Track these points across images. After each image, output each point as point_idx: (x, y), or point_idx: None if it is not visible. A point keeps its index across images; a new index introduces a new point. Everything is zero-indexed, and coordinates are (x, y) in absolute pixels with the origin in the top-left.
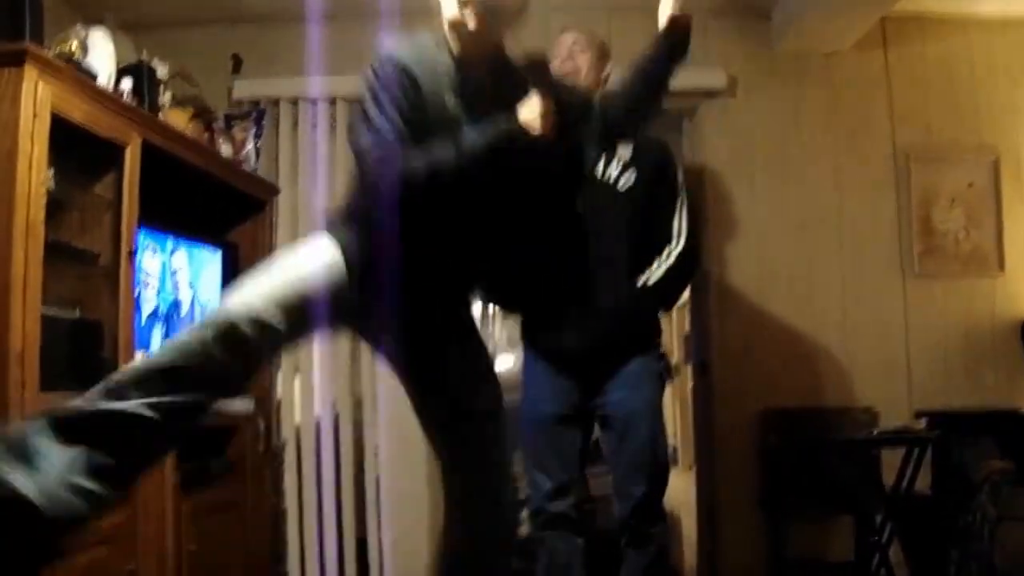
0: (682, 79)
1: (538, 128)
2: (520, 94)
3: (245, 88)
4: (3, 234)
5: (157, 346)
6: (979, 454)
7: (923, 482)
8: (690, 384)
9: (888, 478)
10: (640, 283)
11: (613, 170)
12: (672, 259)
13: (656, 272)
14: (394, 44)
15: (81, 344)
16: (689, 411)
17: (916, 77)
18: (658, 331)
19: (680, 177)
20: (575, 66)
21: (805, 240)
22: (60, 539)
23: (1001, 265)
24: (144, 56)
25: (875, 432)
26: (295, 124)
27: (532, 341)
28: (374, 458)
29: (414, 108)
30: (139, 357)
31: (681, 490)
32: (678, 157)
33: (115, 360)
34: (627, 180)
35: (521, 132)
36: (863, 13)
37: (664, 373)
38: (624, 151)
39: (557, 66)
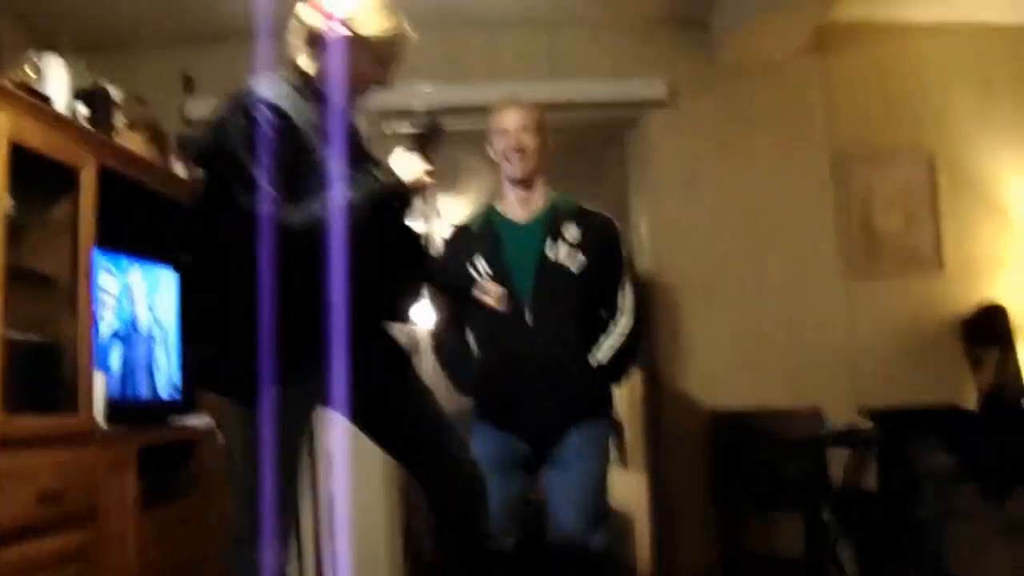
0: (623, 90)
1: (422, 184)
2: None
3: (198, 108)
4: None
5: (116, 365)
6: (924, 450)
7: (870, 478)
8: (639, 389)
9: (836, 473)
10: (594, 363)
11: (562, 252)
12: (621, 336)
13: (605, 350)
14: (261, 86)
15: (42, 366)
16: (639, 414)
17: (853, 82)
18: (609, 400)
19: (625, 253)
20: (522, 148)
21: (749, 243)
22: None
23: (940, 264)
24: (98, 79)
25: (822, 432)
26: None
27: (482, 414)
28: (327, 467)
29: (290, 154)
30: (98, 378)
31: (634, 490)
32: (621, 167)
33: (76, 381)
34: (580, 263)
35: (402, 187)
36: (799, 22)
37: (613, 438)
38: (571, 232)
39: (502, 145)
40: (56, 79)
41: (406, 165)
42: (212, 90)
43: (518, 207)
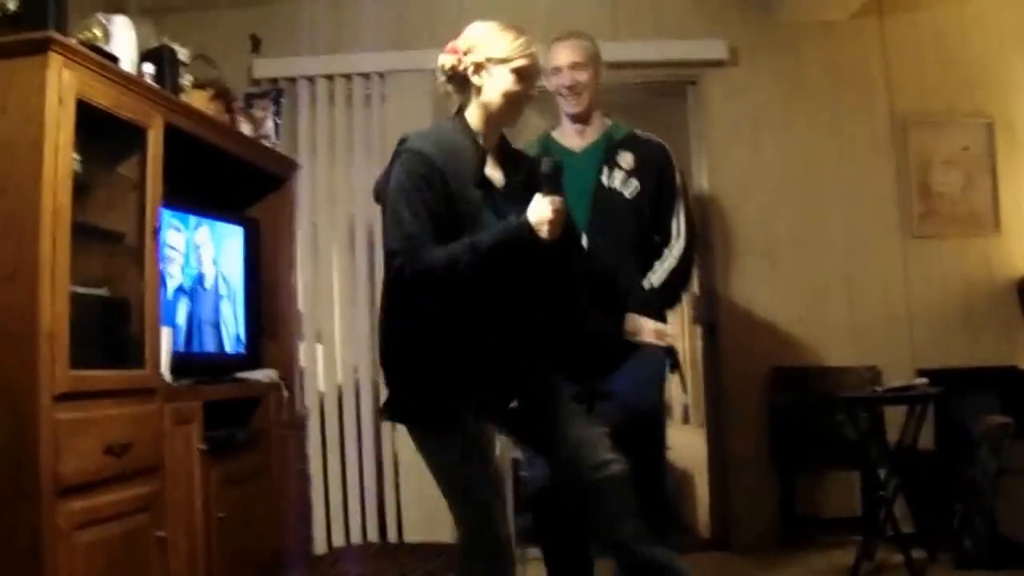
0: (683, 50)
1: (546, 230)
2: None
3: (264, 67)
4: (31, 217)
5: (182, 321)
6: (979, 410)
7: (926, 438)
8: (699, 344)
9: (892, 434)
10: (647, 286)
11: (617, 179)
12: (674, 259)
13: (659, 273)
14: (421, 141)
15: (109, 321)
16: (700, 370)
17: (912, 44)
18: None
19: (678, 179)
20: (575, 84)
21: (808, 203)
22: None
23: (997, 226)
24: (165, 40)
25: (879, 390)
26: (313, 101)
27: None
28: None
29: (442, 203)
30: (164, 333)
31: (693, 447)
32: (683, 126)
33: (142, 335)
34: (633, 188)
35: (530, 231)
36: None
37: (670, 366)
38: (626, 159)
39: (555, 83)
40: (123, 39)
41: (537, 208)
42: (278, 50)
43: (575, 136)
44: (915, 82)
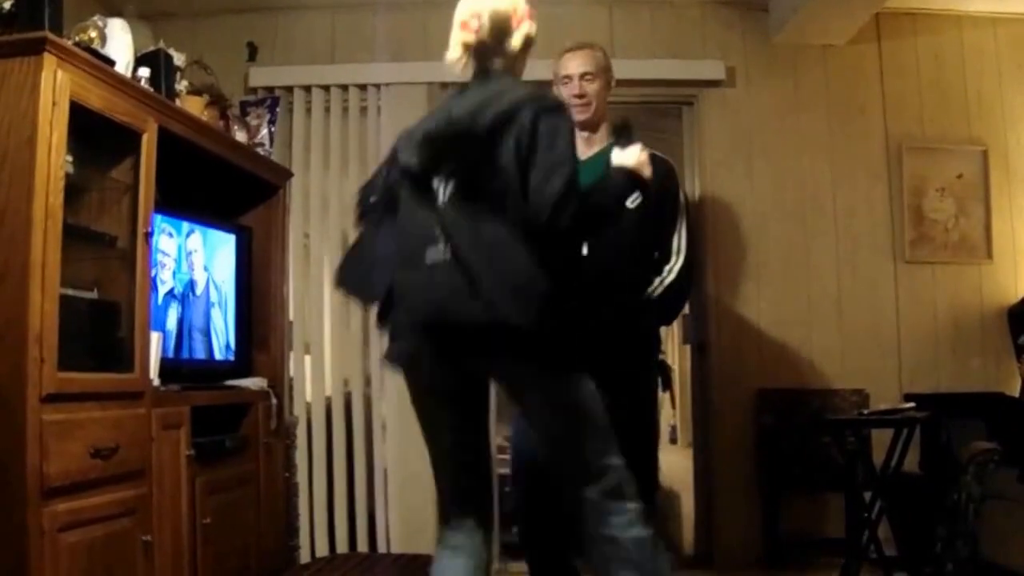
0: (681, 70)
1: (648, 171)
2: None
3: (260, 76)
4: (23, 218)
5: (172, 326)
6: (966, 435)
7: (911, 461)
8: (688, 364)
9: (878, 457)
10: (644, 297)
11: None
12: (672, 275)
13: (659, 289)
14: (554, 96)
15: (99, 324)
16: (688, 390)
17: (909, 71)
18: (658, 343)
19: (682, 197)
20: (584, 94)
21: (800, 225)
22: None
23: (989, 253)
24: (161, 45)
25: (866, 413)
26: (308, 111)
27: None
28: (382, 433)
29: None
30: (154, 337)
31: (680, 467)
32: (679, 145)
33: (132, 339)
34: (635, 199)
35: (636, 176)
36: (857, 8)
37: (661, 382)
38: None
39: (565, 93)
40: (120, 42)
41: (628, 156)
42: (275, 59)
43: (581, 144)
44: (911, 108)
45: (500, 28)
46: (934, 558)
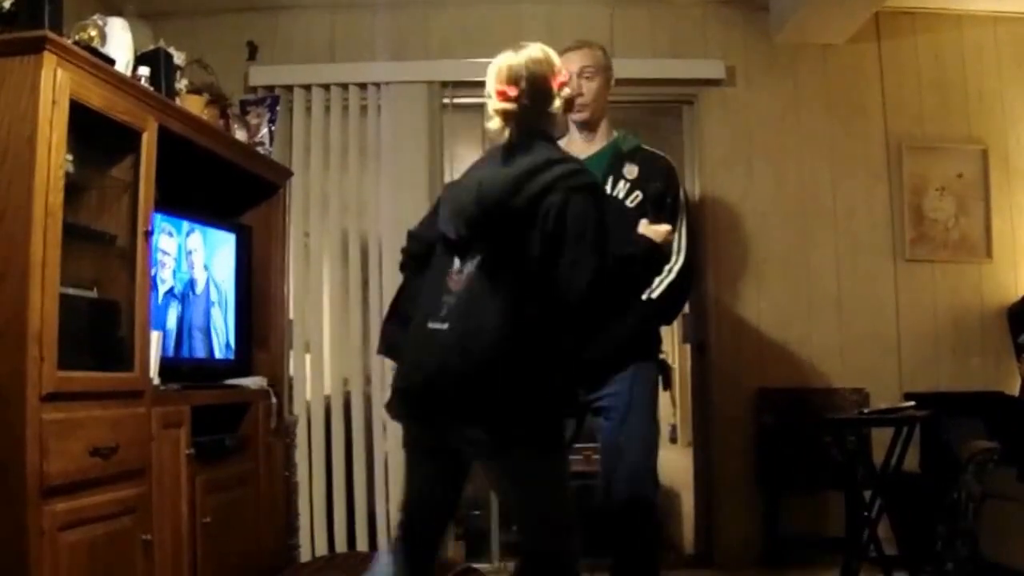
0: (681, 69)
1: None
2: None
3: (260, 75)
4: (23, 216)
5: (172, 325)
6: (965, 434)
7: (911, 460)
8: (688, 364)
9: (878, 456)
10: (644, 297)
11: (621, 189)
12: (672, 275)
13: (659, 289)
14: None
15: (99, 323)
16: (688, 389)
17: (909, 70)
18: (659, 342)
19: (682, 196)
20: (583, 92)
21: (801, 224)
22: None
23: (989, 252)
24: (161, 44)
25: (866, 412)
26: (308, 110)
27: None
28: (383, 433)
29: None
30: (154, 336)
31: (680, 467)
32: (679, 144)
33: (132, 338)
34: (636, 199)
35: (659, 250)
36: (857, 7)
37: (662, 380)
38: (630, 171)
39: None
40: (119, 41)
41: (654, 232)
42: (275, 58)
43: (581, 144)
44: (911, 107)
45: (541, 92)
46: (934, 557)
